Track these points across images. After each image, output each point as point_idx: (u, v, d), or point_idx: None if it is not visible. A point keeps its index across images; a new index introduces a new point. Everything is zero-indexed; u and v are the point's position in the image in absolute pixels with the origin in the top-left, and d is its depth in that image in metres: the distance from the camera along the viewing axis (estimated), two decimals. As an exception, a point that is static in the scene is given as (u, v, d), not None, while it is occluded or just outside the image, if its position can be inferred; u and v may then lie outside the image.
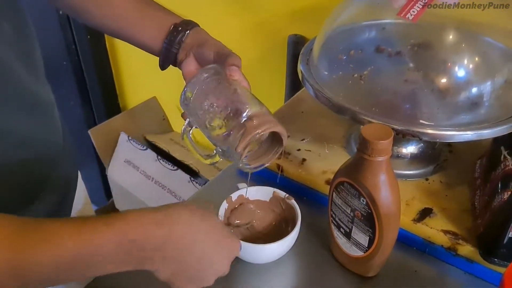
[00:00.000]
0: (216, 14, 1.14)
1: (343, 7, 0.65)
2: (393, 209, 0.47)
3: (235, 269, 0.55)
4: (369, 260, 0.51)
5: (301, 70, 0.62)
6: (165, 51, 0.55)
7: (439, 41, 0.57)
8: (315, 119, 0.72)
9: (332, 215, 0.53)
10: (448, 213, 0.56)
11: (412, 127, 0.52)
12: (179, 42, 0.54)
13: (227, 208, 0.57)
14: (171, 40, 0.54)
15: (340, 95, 0.57)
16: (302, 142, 0.68)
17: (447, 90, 0.55)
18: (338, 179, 0.49)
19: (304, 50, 0.66)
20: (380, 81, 0.57)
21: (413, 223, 0.55)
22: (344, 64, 0.60)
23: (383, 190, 0.46)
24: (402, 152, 0.63)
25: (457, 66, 0.55)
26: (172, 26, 0.55)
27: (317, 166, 0.63)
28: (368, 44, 0.62)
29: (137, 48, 0.59)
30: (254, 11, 1.06)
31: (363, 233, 0.49)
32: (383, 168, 0.45)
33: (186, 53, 0.54)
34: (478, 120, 0.53)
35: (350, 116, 0.54)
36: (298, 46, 0.98)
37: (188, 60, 0.54)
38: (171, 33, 0.55)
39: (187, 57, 0.54)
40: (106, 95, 1.49)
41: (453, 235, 0.53)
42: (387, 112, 0.54)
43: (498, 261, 0.50)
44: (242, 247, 0.50)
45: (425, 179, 0.62)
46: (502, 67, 0.56)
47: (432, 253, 0.56)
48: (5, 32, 0.44)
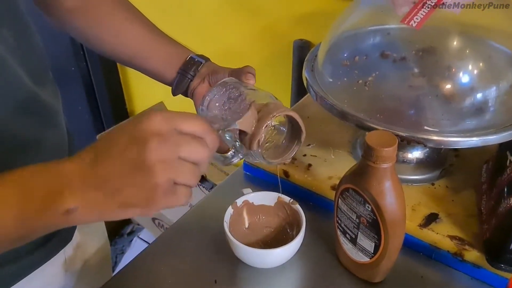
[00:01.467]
0: (223, 19, 1.15)
1: (348, 13, 0.65)
2: (398, 215, 0.47)
3: (240, 273, 0.55)
4: (376, 266, 0.51)
5: (306, 76, 0.62)
6: (179, 78, 0.58)
7: (444, 46, 0.58)
8: (321, 124, 0.72)
9: (337, 221, 0.53)
10: (454, 218, 0.56)
11: (417, 134, 0.52)
12: (195, 71, 0.57)
13: (233, 213, 0.57)
14: (187, 68, 0.57)
15: (344, 102, 0.57)
16: (308, 147, 0.68)
17: (452, 96, 0.55)
18: (344, 186, 0.50)
19: (309, 56, 0.67)
20: (384, 87, 0.57)
21: (419, 229, 0.55)
22: (349, 70, 0.60)
23: (388, 197, 0.46)
24: (407, 157, 0.63)
25: (461, 72, 0.55)
26: (189, 57, 0.58)
27: (323, 171, 0.64)
28: (373, 49, 0.62)
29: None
30: (260, 16, 1.07)
31: (368, 239, 0.49)
32: (388, 175, 0.45)
33: (201, 80, 0.57)
34: (483, 126, 0.53)
35: (354, 123, 0.54)
36: (304, 51, 0.98)
37: (202, 85, 0.57)
38: (187, 62, 0.58)
39: (201, 83, 0.57)
40: (114, 100, 1.50)
41: (459, 241, 0.53)
42: (392, 118, 0.54)
43: (505, 267, 0.50)
44: (247, 251, 0.51)
45: (431, 184, 0.62)
46: (507, 72, 0.56)
47: (438, 258, 0.56)
48: (5, 38, 0.45)
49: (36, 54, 0.52)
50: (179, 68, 0.58)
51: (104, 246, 0.71)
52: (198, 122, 0.37)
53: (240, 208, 0.59)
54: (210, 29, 1.20)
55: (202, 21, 1.21)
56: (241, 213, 0.59)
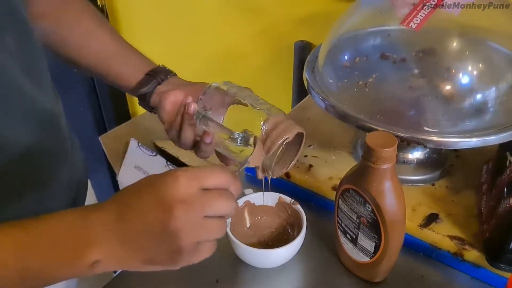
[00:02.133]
0: (224, 21, 1.16)
1: (349, 14, 0.65)
2: (398, 216, 0.47)
3: (242, 273, 0.56)
4: (376, 265, 0.51)
5: (307, 77, 0.63)
6: (147, 79, 0.57)
7: (444, 47, 0.58)
8: (321, 125, 0.73)
9: (338, 221, 0.54)
10: (454, 219, 0.56)
11: (417, 134, 0.52)
12: (165, 76, 0.57)
13: (234, 214, 0.57)
14: (157, 72, 0.57)
15: (345, 103, 0.57)
16: (309, 148, 0.68)
17: (451, 97, 0.55)
18: (344, 186, 0.50)
19: (309, 57, 0.67)
20: (384, 88, 0.58)
21: (420, 229, 0.56)
22: (349, 71, 0.61)
23: (388, 197, 0.46)
24: (408, 158, 0.63)
25: (461, 73, 0.56)
26: (160, 65, 0.58)
27: (324, 172, 0.64)
28: (373, 51, 0.62)
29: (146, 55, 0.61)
30: (261, 18, 1.07)
31: (369, 239, 0.50)
32: (388, 176, 0.45)
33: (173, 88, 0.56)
34: (483, 126, 0.53)
35: (354, 123, 0.55)
36: (305, 52, 0.98)
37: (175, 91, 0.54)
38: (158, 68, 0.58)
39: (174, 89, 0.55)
40: (116, 102, 1.51)
41: (460, 241, 0.54)
42: (392, 119, 0.54)
43: (504, 266, 0.50)
44: (248, 251, 0.51)
45: (432, 184, 0.62)
46: (506, 73, 0.56)
47: (438, 258, 0.56)
48: (7, 45, 0.45)
49: (38, 59, 0.52)
50: (148, 71, 0.57)
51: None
52: (221, 175, 0.37)
53: (241, 209, 0.59)
54: (211, 31, 1.21)
55: (203, 23, 1.21)
56: (243, 213, 0.59)
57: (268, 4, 1.04)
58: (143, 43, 1.40)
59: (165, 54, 1.36)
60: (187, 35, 1.27)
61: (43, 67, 0.53)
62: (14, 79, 0.46)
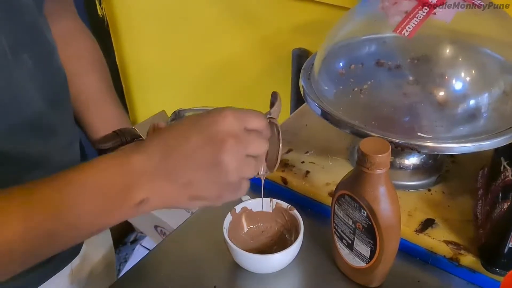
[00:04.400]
0: (223, 30, 1.17)
1: (344, 22, 0.66)
2: (393, 221, 0.48)
3: (239, 279, 0.56)
4: (372, 271, 0.52)
5: (303, 85, 0.64)
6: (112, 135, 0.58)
7: (438, 54, 0.59)
8: (318, 131, 0.73)
9: (334, 226, 0.54)
10: (450, 224, 0.57)
11: (411, 140, 0.53)
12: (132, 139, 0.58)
13: (232, 220, 0.58)
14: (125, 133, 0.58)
15: (340, 109, 0.58)
16: (306, 154, 0.69)
17: (445, 103, 0.56)
18: (339, 192, 0.51)
19: (305, 65, 0.68)
20: (379, 95, 0.58)
21: (416, 234, 0.56)
22: (345, 78, 0.61)
23: (383, 202, 0.47)
24: (404, 163, 0.64)
25: (454, 79, 0.56)
26: (133, 127, 0.59)
27: (321, 178, 0.65)
28: (368, 58, 0.63)
29: (146, 63, 0.61)
30: (260, 26, 1.09)
31: (364, 244, 0.50)
32: (382, 181, 0.46)
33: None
34: (477, 132, 0.54)
35: (349, 130, 0.55)
36: (302, 60, 0.99)
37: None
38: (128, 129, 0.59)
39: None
40: (116, 110, 1.52)
41: (456, 246, 0.54)
42: (387, 125, 0.55)
43: (500, 271, 0.50)
44: (246, 257, 0.51)
45: (428, 189, 0.62)
46: (499, 79, 0.56)
47: (435, 263, 0.56)
48: (25, 63, 0.46)
49: (55, 77, 0.53)
50: (117, 129, 0.58)
51: (109, 255, 0.72)
52: (262, 119, 0.41)
53: (239, 215, 0.59)
54: (210, 39, 1.22)
55: (202, 31, 1.22)
56: (240, 219, 0.60)
57: (267, 13, 1.06)
58: (143, 52, 1.41)
59: (164, 62, 1.37)
60: (186, 44, 1.28)
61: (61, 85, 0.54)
62: (27, 93, 0.46)
